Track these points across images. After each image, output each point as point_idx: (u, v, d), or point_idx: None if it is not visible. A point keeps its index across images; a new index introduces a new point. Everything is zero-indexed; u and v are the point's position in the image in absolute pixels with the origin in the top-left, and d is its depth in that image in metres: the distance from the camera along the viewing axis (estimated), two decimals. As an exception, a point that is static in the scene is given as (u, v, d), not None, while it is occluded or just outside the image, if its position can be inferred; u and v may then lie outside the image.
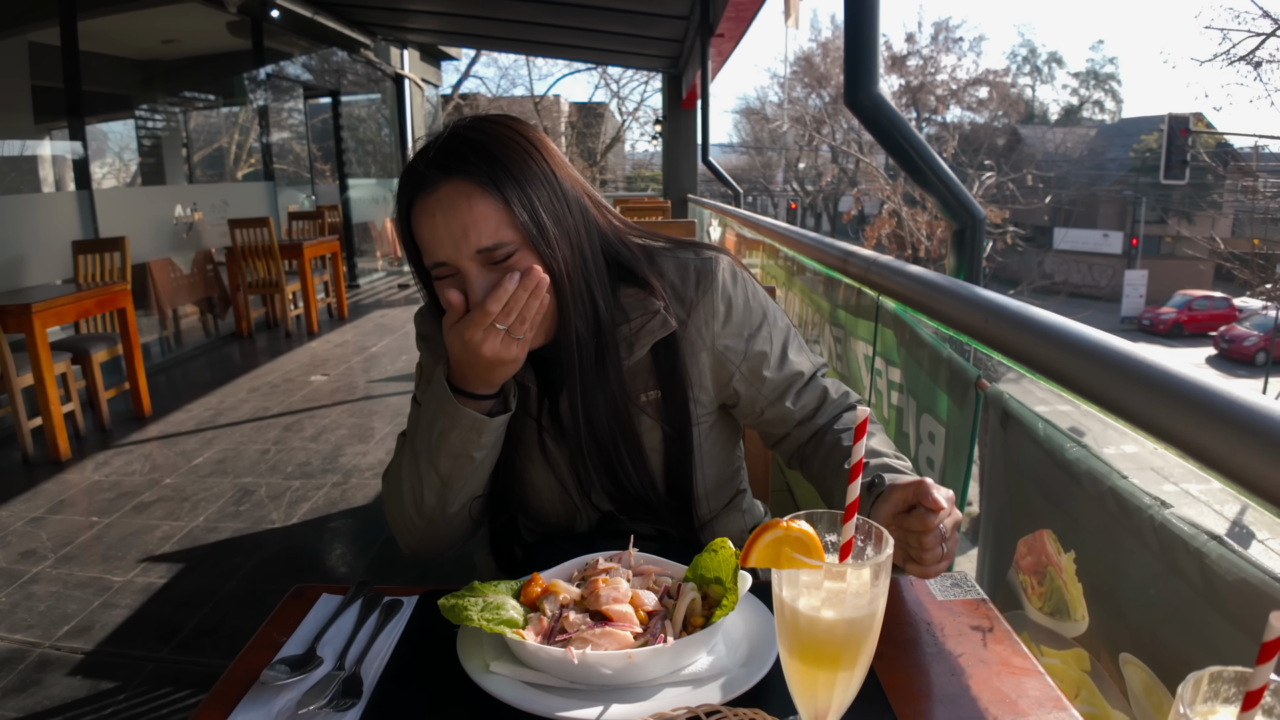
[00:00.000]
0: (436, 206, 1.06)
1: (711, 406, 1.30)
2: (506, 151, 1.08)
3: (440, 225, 1.06)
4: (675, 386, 1.24)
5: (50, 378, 4.54)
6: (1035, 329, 1.27)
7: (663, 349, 1.22)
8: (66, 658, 2.74)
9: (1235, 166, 22.97)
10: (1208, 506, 4.25)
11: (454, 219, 1.05)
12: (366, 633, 0.99)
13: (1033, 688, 0.87)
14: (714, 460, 1.35)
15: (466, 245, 1.05)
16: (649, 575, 0.99)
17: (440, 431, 1.15)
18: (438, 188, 1.06)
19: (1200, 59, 25.87)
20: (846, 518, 0.71)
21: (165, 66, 9.11)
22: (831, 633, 0.67)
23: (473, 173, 1.05)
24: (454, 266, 1.07)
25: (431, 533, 1.25)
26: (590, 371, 1.17)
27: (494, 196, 1.05)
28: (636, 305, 1.20)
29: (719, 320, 1.23)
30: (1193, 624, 0.95)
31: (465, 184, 1.05)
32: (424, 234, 1.08)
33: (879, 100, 2.01)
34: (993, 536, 1.54)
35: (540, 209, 1.08)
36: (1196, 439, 0.88)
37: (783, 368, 1.27)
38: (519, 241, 1.07)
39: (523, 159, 1.09)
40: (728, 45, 8.92)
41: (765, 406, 1.29)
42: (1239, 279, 22.11)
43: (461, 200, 1.05)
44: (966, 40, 48.50)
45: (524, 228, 1.06)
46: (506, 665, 0.88)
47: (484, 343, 1.05)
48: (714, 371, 1.26)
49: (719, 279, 1.24)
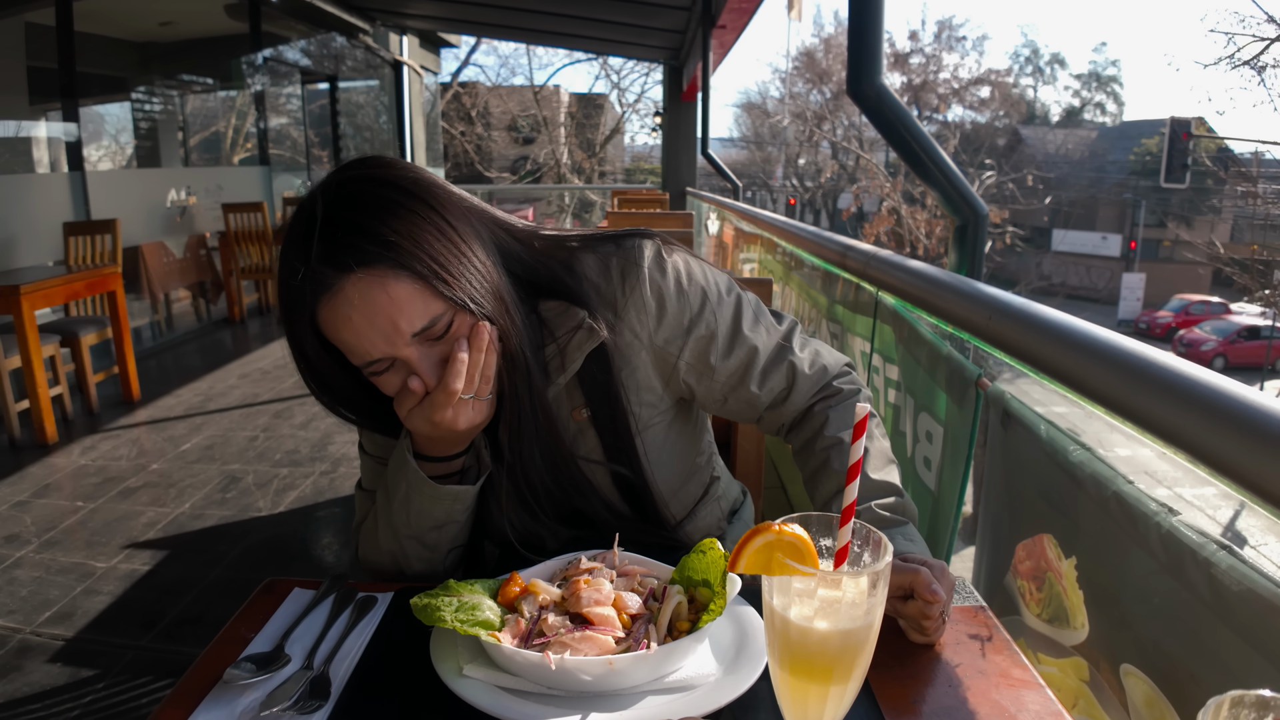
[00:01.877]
0: (349, 308, 0.94)
1: (665, 405, 1.21)
2: (394, 221, 0.95)
3: (362, 325, 0.95)
4: (607, 399, 1.15)
5: (38, 360, 4.50)
6: (1041, 327, 1.23)
7: (591, 361, 1.13)
8: (47, 644, 2.70)
9: (1236, 171, 22.93)
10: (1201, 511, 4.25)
11: (376, 314, 0.94)
12: (337, 631, 0.95)
13: (1032, 701, 0.83)
14: (678, 457, 1.26)
15: (400, 335, 0.96)
16: (634, 576, 0.95)
17: (419, 510, 1.09)
18: (342, 288, 0.94)
19: (1204, 62, 25.85)
20: (843, 521, 0.67)
21: (162, 49, 9.02)
22: (824, 645, 0.63)
23: (372, 260, 0.93)
24: (390, 360, 0.99)
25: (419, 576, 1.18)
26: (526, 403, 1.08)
27: (405, 275, 0.94)
28: (560, 319, 1.11)
29: (651, 316, 1.14)
30: (1199, 636, 0.91)
31: (369, 274, 0.93)
32: (345, 338, 0.97)
33: (882, 90, 1.97)
34: (990, 539, 1.51)
35: (456, 274, 0.98)
36: (1212, 445, 0.84)
37: (733, 351, 1.17)
38: (448, 309, 0.98)
39: (413, 221, 0.96)
40: (729, 37, 8.86)
41: (726, 394, 1.20)
42: (1238, 284, 22.10)
43: (376, 292, 0.94)
44: (970, 39, 48.51)
45: (447, 294, 0.96)
46: (481, 669, 0.84)
47: (457, 418, 1.00)
48: (658, 368, 1.18)
49: (644, 270, 1.13)
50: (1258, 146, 21.06)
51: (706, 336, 1.16)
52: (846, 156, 36.48)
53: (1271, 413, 0.79)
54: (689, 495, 1.31)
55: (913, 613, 0.90)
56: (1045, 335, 1.22)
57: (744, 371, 1.18)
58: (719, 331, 1.16)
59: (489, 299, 1.01)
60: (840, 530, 0.67)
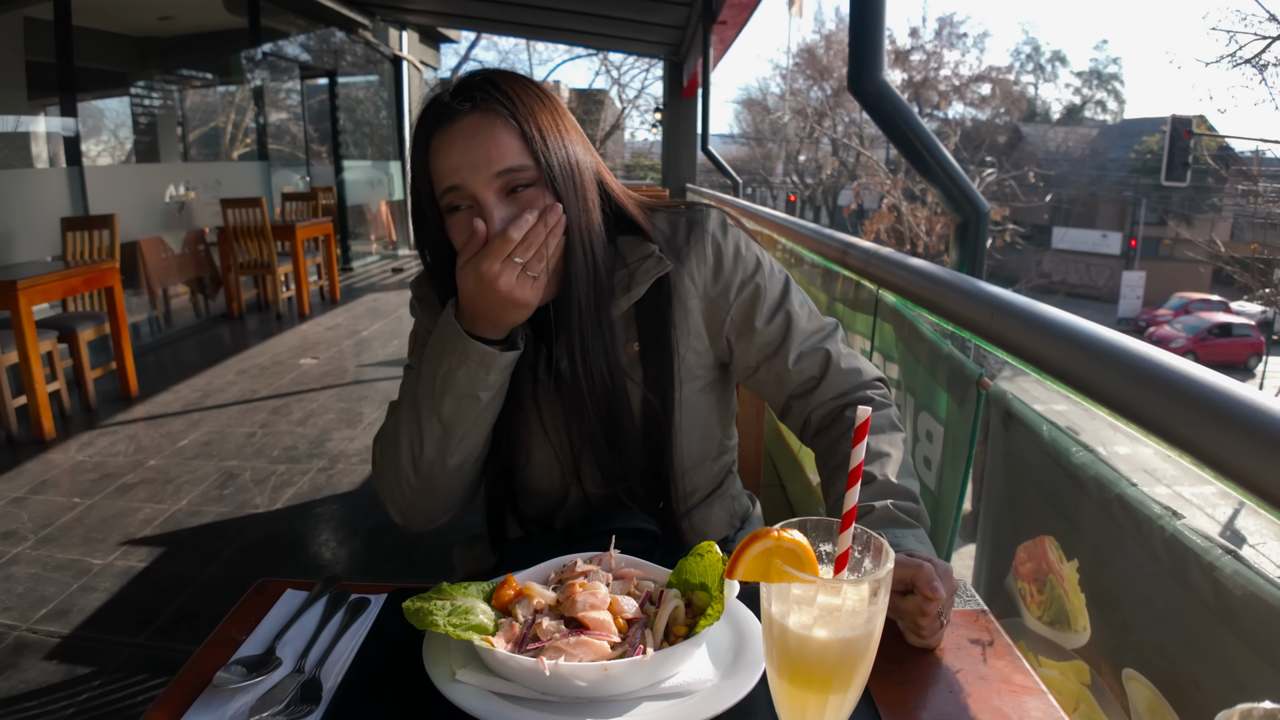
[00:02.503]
0: (459, 134, 1.06)
1: (707, 360, 1.27)
2: (526, 95, 1.10)
3: (461, 151, 1.06)
4: (659, 333, 1.22)
5: (36, 356, 4.48)
6: (1043, 326, 1.22)
7: (651, 297, 1.20)
8: (44, 641, 2.69)
9: (1237, 170, 22.92)
10: (1200, 510, 4.24)
11: (476, 145, 1.06)
12: (330, 633, 0.94)
13: (1035, 708, 0.82)
14: (705, 427, 1.30)
15: (488, 168, 1.06)
16: (630, 579, 0.93)
17: (446, 370, 1.12)
18: (462, 118, 1.07)
19: (1205, 61, 25.80)
20: (843, 526, 0.65)
21: (161, 43, 9.00)
22: (824, 653, 0.62)
23: (497, 107, 1.07)
24: (470, 195, 1.07)
25: (427, 494, 1.21)
26: (590, 316, 1.15)
27: (514, 129, 1.07)
28: (632, 249, 1.20)
29: (709, 268, 1.23)
30: (1202, 641, 0.90)
31: (489, 115, 1.06)
32: (442, 162, 1.08)
33: (883, 87, 1.96)
34: (990, 541, 1.50)
35: (553, 150, 1.09)
36: (1213, 445, 0.83)
37: (775, 317, 1.24)
38: (535, 173, 1.08)
39: (541, 104, 1.11)
40: (730, 33, 8.85)
41: (760, 361, 1.25)
42: (1238, 283, 22.09)
43: (485, 129, 1.06)
44: (971, 36, 48.44)
45: (540, 160, 1.07)
46: (474, 674, 0.82)
47: (500, 276, 1.04)
48: (706, 320, 1.25)
49: (709, 229, 1.24)
50: (1259, 145, 21.04)
51: (753, 297, 1.24)
52: (847, 153, 36.45)
53: (1272, 413, 0.78)
54: (706, 478, 1.35)
55: (911, 608, 0.90)
56: (1047, 334, 1.21)
57: (781, 341, 1.24)
58: (766, 296, 1.24)
59: (571, 185, 1.11)
60: (840, 535, 0.65)
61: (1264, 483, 0.77)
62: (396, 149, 13.67)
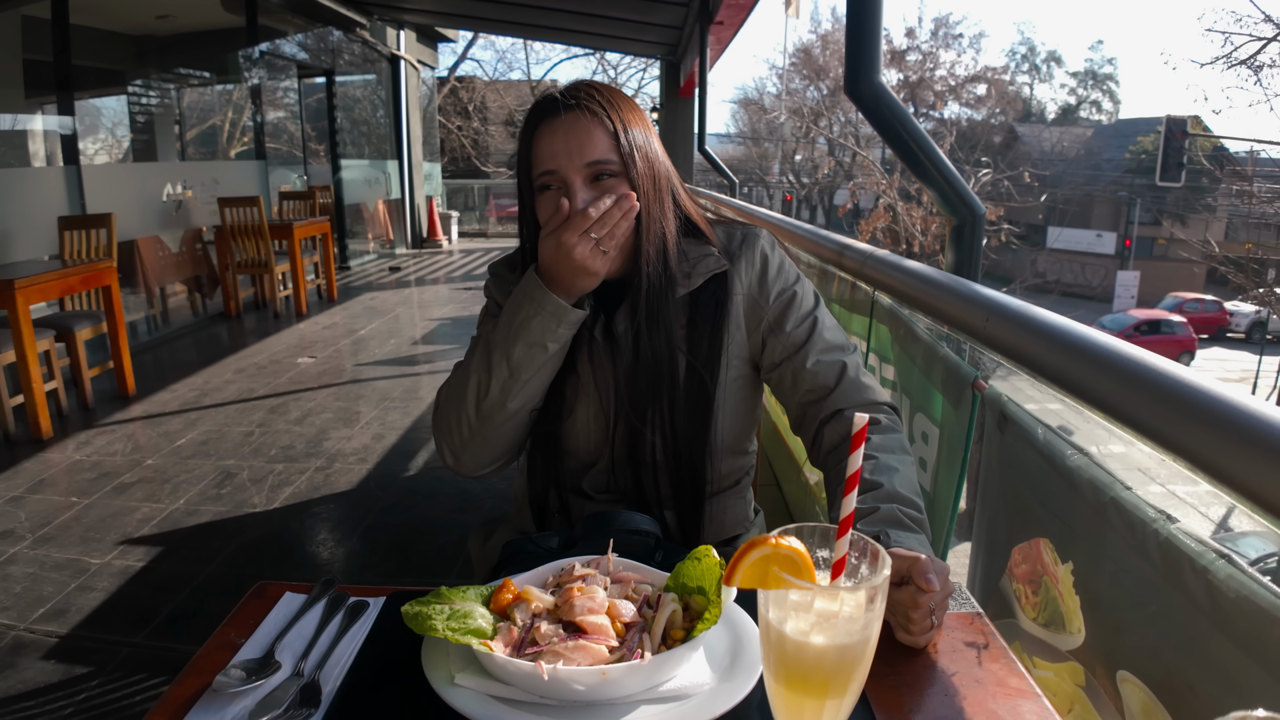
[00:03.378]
0: (561, 126, 1.25)
1: (743, 353, 1.41)
2: (621, 104, 1.30)
3: (560, 140, 1.25)
4: (713, 323, 1.37)
5: (33, 355, 4.48)
6: (1038, 330, 1.23)
7: (707, 290, 1.37)
8: (41, 641, 2.69)
9: (1231, 170, 22.95)
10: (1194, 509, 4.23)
11: (573, 136, 1.24)
12: (329, 636, 0.94)
13: (1029, 711, 0.83)
14: (733, 413, 1.42)
15: (580, 156, 1.24)
16: (628, 583, 0.94)
17: (523, 318, 1.28)
18: (565, 114, 1.26)
19: (1200, 61, 25.83)
20: (840, 533, 0.66)
21: (158, 42, 8.98)
22: (821, 659, 0.62)
23: (594, 109, 1.26)
24: (562, 178, 1.25)
25: (482, 434, 1.34)
26: (655, 294, 1.31)
27: (607, 129, 1.26)
28: (695, 248, 1.38)
29: (755, 272, 1.40)
30: (1196, 645, 0.91)
31: (587, 114, 1.26)
32: (543, 148, 1.26)
33: (880, 90, 1.96)
34: (985, 542, 1.50)
35: (637, 151, 1.28)
36: (1207, 451, 0.83)
37: (804, 323, 1.39)
38: (619, 168, 1.26)
39: (632, 114, 1.30)
40: (727, 33, 8.84)
41: (783, 359, 1.39)
42: (1232, 283, 22.12)
43: (583, 124, 1.25)
44: (966, 37, 48.38)
45: (625, 158, 1.26)
46: (473, 677, 0.83)
47: (576, 246, 1.21)
48: (747, 316, 1.40)
49: (760, 242, 1.42)
50: (1253, 146, 21.06)
51: (789, 302, 1.40)
52: (843, 153, 36.46)
53: (1265, 419, 0.78)
54: (732, 469, 1.48)
55: (904, 599, 0.91)
56: (1042, 338, 1.21)
57: (804, 343, 1.38)
58: (801, 304, 1.41)
59: (649, 182, 1.30)
60: (838, 542, 0.66)
61: (1254, 486, 0.78)
62: (394, 148, 13.66)
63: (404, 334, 7.54)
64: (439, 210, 15.29)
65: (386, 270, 11.85)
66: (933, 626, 0.92)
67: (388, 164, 13.58)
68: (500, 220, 19.31)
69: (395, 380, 5.94)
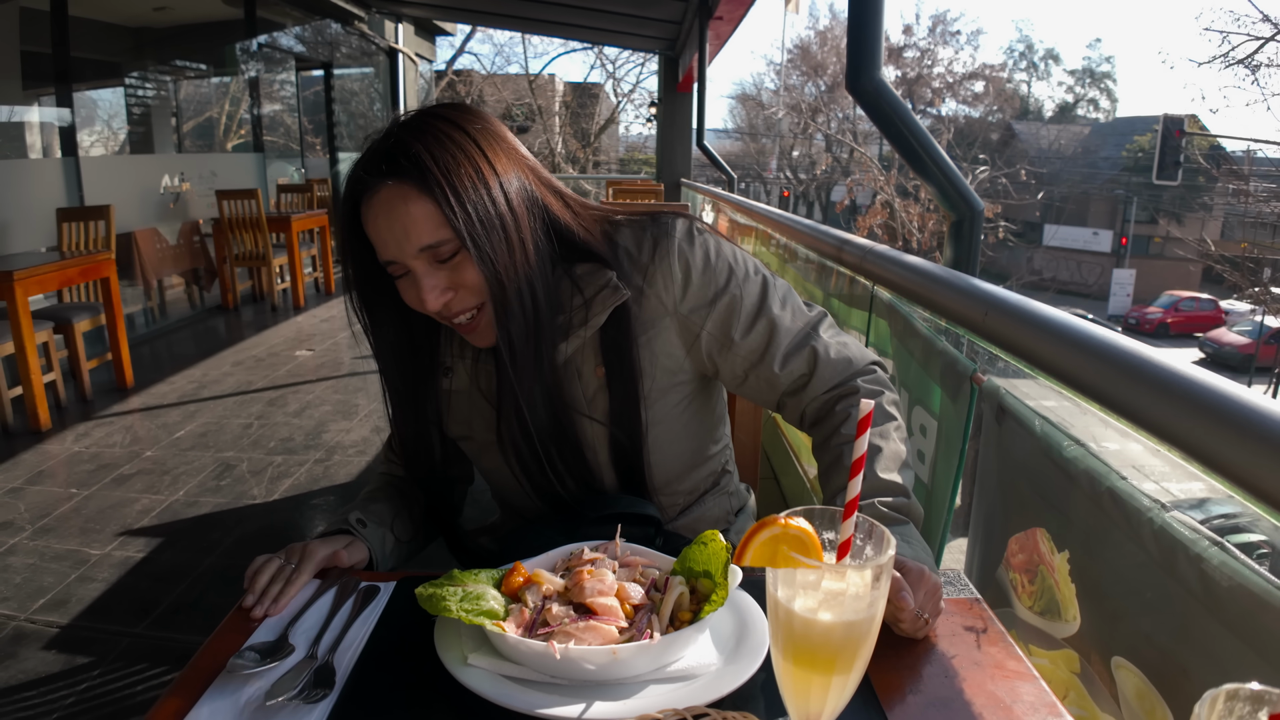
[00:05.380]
0: (379, 208, 1.08)
1: (685, 375, 1.27)
2: (440, 153, 1.07)
3: (383, 226, 1.08)
4: (622, 359, 1.21)
5: (31, 347, 4.48)
6: (1037, 324, 1.24)
7: (614, 320, 1.20)
8: (42, 631, 2.70)
9: (1228, 169, 23.02)
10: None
11: (394, 220, 1.07)
12: (341, 620, 0.96)
13: (1027, 692, 0.85)
14: (688, 438, 1.31)
15: (409, 245, 1.08)
16: (636, 567, 0.96)
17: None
18: (378, 191, 1.08)
19: (1198, 60, 25.87)
20: (846, 515, 0.68)
21: (156, 34, 8.96)
22: (828, 636, 0.64)
23: (406, 176, 1.06)
24: (403, 265, 1.10)
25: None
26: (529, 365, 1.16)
27: (427, 198, 1.06)
28: (591, 278, 1.19)
29: (677, 285, 1.20)
30: (1190, 630, 0.92)
31: (401, 187, 1.07)
32: (372, 234, 1.11)
33: (881, 86, 1.98)
34: (982, 533, 1.52)
35: (472, 209, 1.07)
36: (1205, 443, 0.85)
37: (754, 326, 1.22)
38: (456, 243, 1.08)
39: (456, 160, 1.08)
40: (726, 29, 8.84)
41: (747, 371, 1.24)
42: (1227, 281, 22.19)
43: (399, 203, 1.07)
44: (964, 34, 48.39)
45: (459, 234, 1.06)
46: (485, 658, 0.85)
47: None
48: (681, 337, 1.23)
49: (674, 242, 1.21)
50: (1250, 145, 21.13)
51: (729, 310, 1.21)
52: (841, 149, 36.46)
53: (1263, 411, 0.80)
54: (696, 483, 1.36)
55: (886, 613, 0.90)
56: (1040, 331, 1.23)
57: (765, 348, 1.23)
58: (742, 306, 1.22)
59: (501, 241, 1.10)
60: (843, 524, 0.68)
61: (1252, 477, 0.79)
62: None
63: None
64: (436, 204, 15.24)
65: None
66: (925, 624, 0.92)
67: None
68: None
69: (393, 373, 5.94)
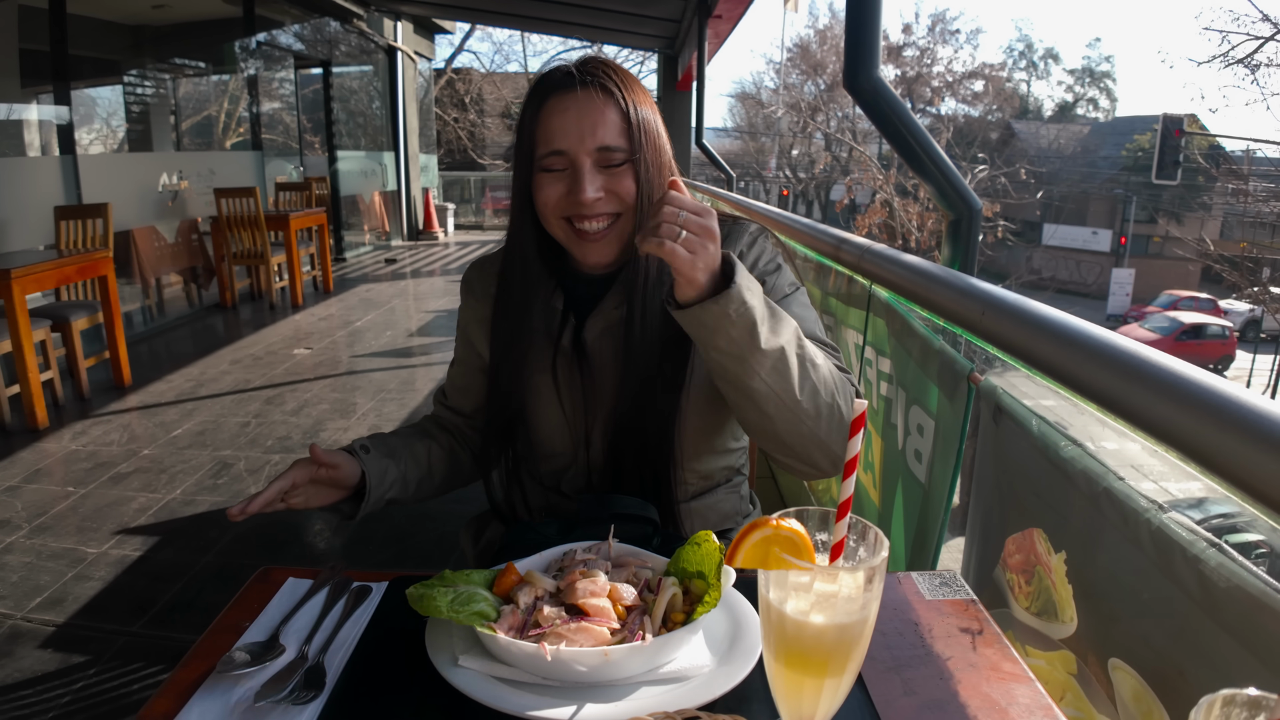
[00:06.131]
0: (573, 103, 1.19)
1: None
2: (629, 82, 1.24)
3: (571, 119, 1.19)
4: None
5: (29, 345, 4.47)
6: (1033, 323, 1.24)
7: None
8: (38, 630, 2.70)
9: (1227, 169, 23.03)
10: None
11: (587, 115, 1.18)
12: (332, 620, 0.96)
13: (1023, 694, 0.84)
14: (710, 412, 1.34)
15: (591, 140, 1.18)
16: (629, 568, 0.95)
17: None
18: (574, 91, 1.20)
19: (1197, 60, 25.87)
20: (839, 516, 0.67)
21: (155, 32, 8.95)
22: (820, 638, 0.64)
23: (611, 89, 1.21)
24: (570, 160, 1.20)
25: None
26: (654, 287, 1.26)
27: (621, 110, 1.20)
28: None
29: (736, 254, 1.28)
30: (1187, 632, 0.92)
31: (595, 94, 1.20)
32: (553, 124, 1.20)
33: (879, 85, 1.97)
34: (979, 533, 1.52)
35: (644, 134, 1.22)
36: (1203, 442, 0.85)
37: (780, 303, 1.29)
38: (627, 155, 1.20)
39: (639, 93, 1.24)
40: (725, 27, 8.83)
41: None
42: (1226, 281, 22.21)
43: (591, 104, 1.19)
44: (963, 33, 48.40)
45: (635, 145, 1.20)
46: (476, 659, 0.84)
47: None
48: None
49: (744, 233, 1.35)
50: (1249, 145, 21.14)
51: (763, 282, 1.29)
52: (840, 148, 36.45)
53: (1262, 412, 0.80)
54: (712, 470, 1.41)
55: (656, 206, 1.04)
56: (1037, 331, 1.22)
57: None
58: (776, 287, 1.32)
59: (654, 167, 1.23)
60: (836, 525, 0.67)
61: (1249, 478, 0.79)
62: (390, 140, 13.63)
63: (400, 326, 7.53)
64: (435, 202, 15.27)
65: (382, 262, 11.83)
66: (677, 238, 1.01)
67: (384, 156, 13.56)
68: (496, 213, 19.27)
69: (391, 372, 5.94)
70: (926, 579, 1.06)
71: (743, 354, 1.06)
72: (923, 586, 1.04)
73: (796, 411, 1.10)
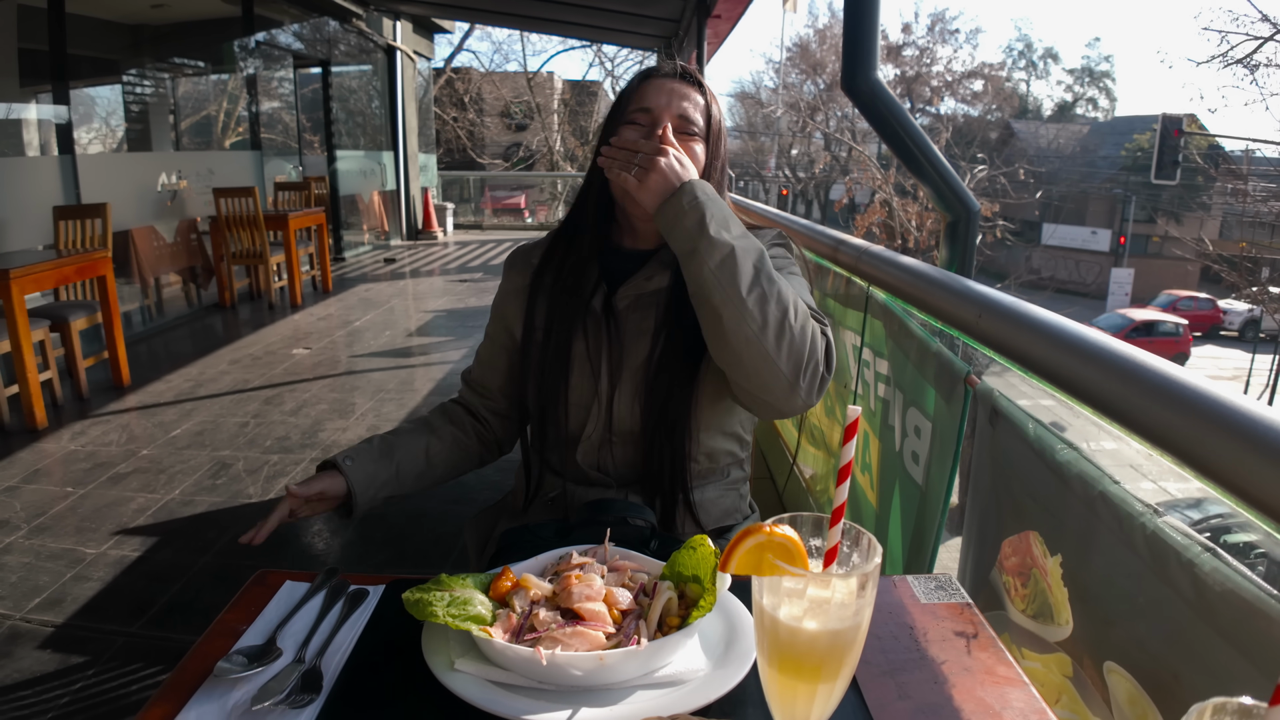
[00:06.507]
0: (673, 84, 1.44)
1: None
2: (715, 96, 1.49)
3: (665, 90, 1.43)
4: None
5: (28, 345, 4.47)
6: (1030, 326, 1.24)
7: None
8: (37, 630, 2.70)
9: (1226, 169, 23.04)
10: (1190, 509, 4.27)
11: (675, 93, 1.43)
12: (329, 624, 0.96)
13: (1017, 699, 0.85)
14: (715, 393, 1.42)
15: (677, 106, 1.42)
16: (624, 572, 0.95)
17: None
18: (673, 79, 1.45)
19: (1197, 60, 25.86)
20: (833, 522, 0.67)
21: (154, 31, 8.95)
22: (814, 644, 0.64)
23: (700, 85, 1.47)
24: (654, 117, 1.40)
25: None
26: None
27: (704, 104, 1.45)
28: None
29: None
30: (1182, 636, 0.92)
31: (693, 86, 1.46)
32: (649, 92, 1.43)
33: (877, 86, 1.97)
34: (976, 535, 1.52)
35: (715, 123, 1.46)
36: (1195, 446, 0.85)
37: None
38: (700, 133, 1.43)
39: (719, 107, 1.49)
40: (725, 27, 8.82)
41: None
42: (1225, 281, 22.22)
43: (684, 88, 1.44)
44: (963, 33, 48.40)
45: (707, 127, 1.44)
46: (472, 663, 0.84)
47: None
48: None
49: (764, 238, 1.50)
50: (1248, 145, 21.14)
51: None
52: (839, 148, 36.41)
53: (1257, 418, 0.80)
54: (718, 451, 1.49)
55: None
56: (1033, 334, 1.23)
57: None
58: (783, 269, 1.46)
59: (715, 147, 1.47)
60: (830, 531, 0.67)
61: (1242, 482, 0.79)
62: (389, 139, 13.62)
63: (399, 326, 7.53)
64: (434, 202, 15.25)
65: (382, 261, 11.83)
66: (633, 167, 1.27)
67: (383, 155, 13.55)
68: (495, 213, 19.27)
69: (390, 372, 5.94)
70: (921, 582, 1.06)
71: (695, 246, 1.21)
72: (918, 590, 1.05)
73: (742, 311, 1.18)
